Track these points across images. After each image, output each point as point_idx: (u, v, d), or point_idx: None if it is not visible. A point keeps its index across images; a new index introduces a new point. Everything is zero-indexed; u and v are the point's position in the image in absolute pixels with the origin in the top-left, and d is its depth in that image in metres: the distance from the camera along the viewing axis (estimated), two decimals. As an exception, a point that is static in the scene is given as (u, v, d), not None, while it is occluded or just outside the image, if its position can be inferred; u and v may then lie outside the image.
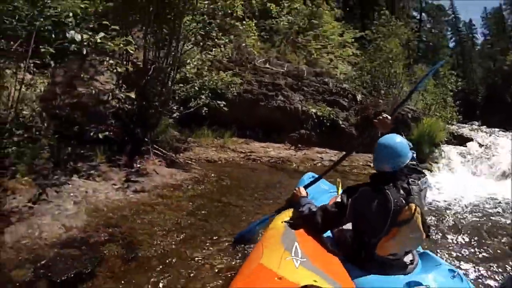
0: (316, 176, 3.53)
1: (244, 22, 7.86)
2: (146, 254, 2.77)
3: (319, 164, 6.59)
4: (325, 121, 7.80)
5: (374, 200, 2.09)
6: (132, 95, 4.70)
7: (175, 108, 5.80)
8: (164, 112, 5.44)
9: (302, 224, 2.32)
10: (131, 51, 4.47)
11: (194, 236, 3.15)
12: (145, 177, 4.44)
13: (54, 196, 3.45)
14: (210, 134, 6.87)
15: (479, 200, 5.50)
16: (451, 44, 45.70)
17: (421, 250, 2.44)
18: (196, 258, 2.75)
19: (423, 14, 38.95)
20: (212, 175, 5.03)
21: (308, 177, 3.81)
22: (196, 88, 6.02)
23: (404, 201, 2.06)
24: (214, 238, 3.13)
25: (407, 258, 2.20)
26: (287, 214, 2.37)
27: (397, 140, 2.23)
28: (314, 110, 7.90)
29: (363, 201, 2.13)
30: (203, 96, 6.07)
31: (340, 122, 7.96)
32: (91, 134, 4.39)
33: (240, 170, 5.67)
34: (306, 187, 2.85)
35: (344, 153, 3.31)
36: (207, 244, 3.00)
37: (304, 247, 1.84)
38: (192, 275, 2.54)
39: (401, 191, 2.10)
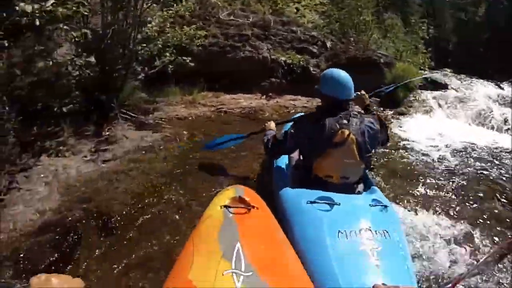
0: None
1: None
2: (125, 226, 2.76)
3: (293, 111, 6.47)
4: (295, 68, 7.64)
5: (314, 125, 2.43)
6: (92, 59, 4.45)
7: (139, 69, 5.59)
8: (129, 75, 5.23)
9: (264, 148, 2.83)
10: (85, 13, 4.25)
11: (173, 198, 3.14)
12: (115, 144, 4.31)
13: (24, 182, 3.31)
14: (178, 91, 6.64)
15: (456, 143, 5.56)
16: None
17: (376, 189, 2.57)
18: (177, 221, 2.75)
19: (395, -38, 38.47)
20: (184, 132, 4.91)
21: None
22: (160, 46, 5.82)
23: (338, 126, 2.37)
24: (194, 197, 3.13)
25: (353, 186, 2.49)
26: (228, 195, 1.90)
27: (346, 74, 2.56)
28: (283, 58, 7.71)
29: (303, 126, 2.51)
30: (167, 54, 5.92)
31: (311, 69, 7.80)
32: (55, 109, 4.20)
33: (212, 124, 5.55)
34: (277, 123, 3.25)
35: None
36: (188, 204, 3.01)
37: (249, 250, 1.45)
38: (176, 239, 2.53)
39: (343, 120, 2.40)
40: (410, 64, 9.16)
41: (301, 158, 2.69)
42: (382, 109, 7.47)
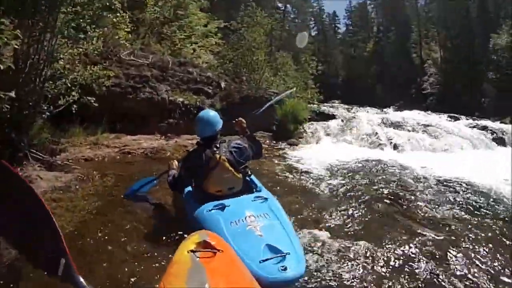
0: None
1: (118, 14, 7.71)
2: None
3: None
4: (191, 109, 8.20)
5: (196, 156, 3.20)
6: (12, 94, 4.46)
7: (45, 107, 5.47)
8: (38, 113, 5.22)
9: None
10: (16, 46, 4.30)
11: (102, 229, 3.33)
12: (31, 184, 4.07)
13: None
14: (82, 132, 6.74)
15: (341, 163, 6.64)
16: (314, 33, 50.87)
17: (261, 188, 3.41)
18: (115, 251, 2.95)
19: (288, 5, 42.55)
20: (95, 172, 5.03)
21: None
22: (68, 84, 5.78)
23: (211, 154, 3.14)
24: (121, 229, 3.35)
25: (239, 193, 3.20)
26: (193, 241, 1.94)
27: (211, 113, 3.42)
28: (181, 99, 8.28)
29: (190, 159, 3.29)
30: (73, 93, 5.87)
31: (207, 109, 8.42)
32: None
33: (119, 164, 5.76)
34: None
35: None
36: (118, 236, 3.21)
37: None
38: (115, 264, 2.74)
39: (213, 149, 3.18)
40: (299, 99, 10.26)
41: (196, 183, 3.32)
42: (275, 141, 8.46)
